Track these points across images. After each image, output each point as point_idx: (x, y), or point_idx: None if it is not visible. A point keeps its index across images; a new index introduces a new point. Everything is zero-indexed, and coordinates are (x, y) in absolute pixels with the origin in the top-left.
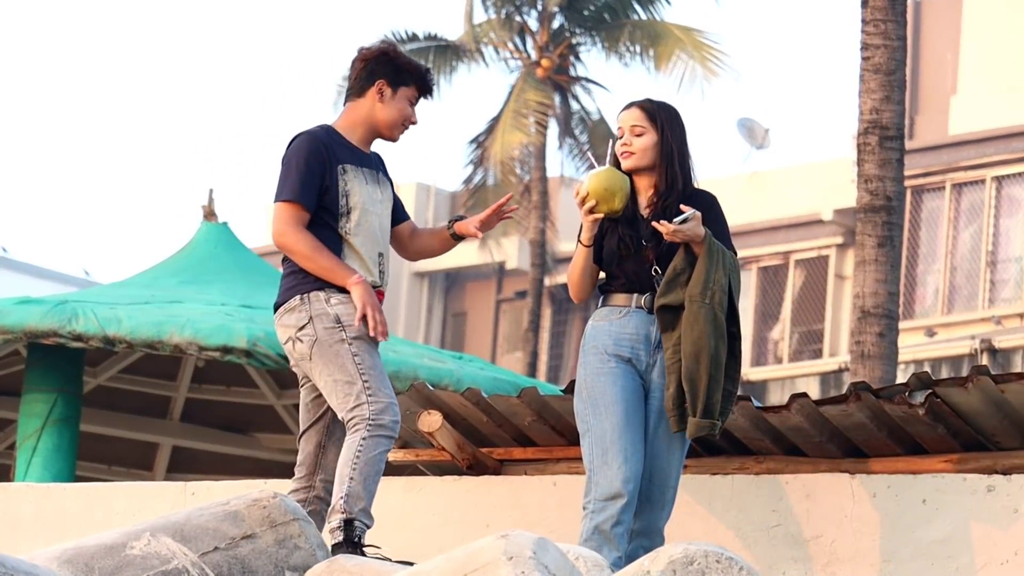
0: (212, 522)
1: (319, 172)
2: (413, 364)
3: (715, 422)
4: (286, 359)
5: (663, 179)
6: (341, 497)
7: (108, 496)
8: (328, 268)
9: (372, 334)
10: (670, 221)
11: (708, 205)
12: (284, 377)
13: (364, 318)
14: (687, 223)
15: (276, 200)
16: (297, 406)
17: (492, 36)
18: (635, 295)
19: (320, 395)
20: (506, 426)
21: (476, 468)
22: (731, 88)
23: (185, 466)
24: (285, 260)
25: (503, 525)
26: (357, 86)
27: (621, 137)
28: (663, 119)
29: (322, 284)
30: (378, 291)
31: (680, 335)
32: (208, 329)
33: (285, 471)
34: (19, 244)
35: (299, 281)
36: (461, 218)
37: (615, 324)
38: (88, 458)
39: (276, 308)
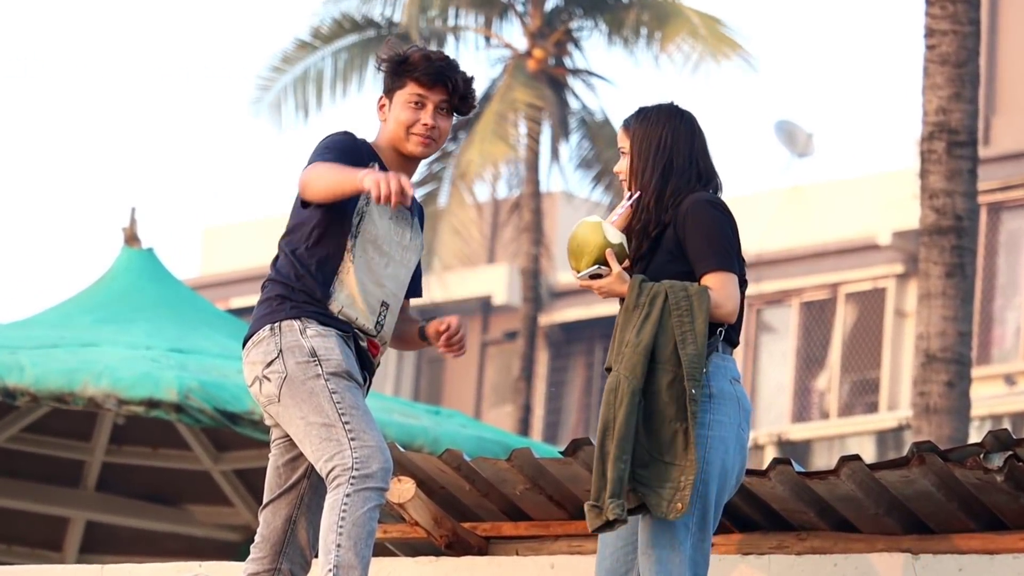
0: None
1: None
2: (381, 420)
3: (597, 505)
4: (223, 414)
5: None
6: (329, 570)
7: None
8: (338, 180)
9: (378, 199)
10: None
11: (681, 217)
12: (222, 437)
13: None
14: (600, 279)
15: (305, 168)
16: (237, 472)
17: (455, 20)
18: None
19: (296, 456)
20: (493, 496)
21: (457, 547)
22: (767, 85)
23: (102, 545)
24: (264, 284)
25: None
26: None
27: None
28: (635, 130)
29: (297, 313)
30: (371, 341)
31: None
32: (130, 378)
33: (222, 550)
34: None
35: (272, 309)
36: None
37: None
38: None
39: (245, 342)
